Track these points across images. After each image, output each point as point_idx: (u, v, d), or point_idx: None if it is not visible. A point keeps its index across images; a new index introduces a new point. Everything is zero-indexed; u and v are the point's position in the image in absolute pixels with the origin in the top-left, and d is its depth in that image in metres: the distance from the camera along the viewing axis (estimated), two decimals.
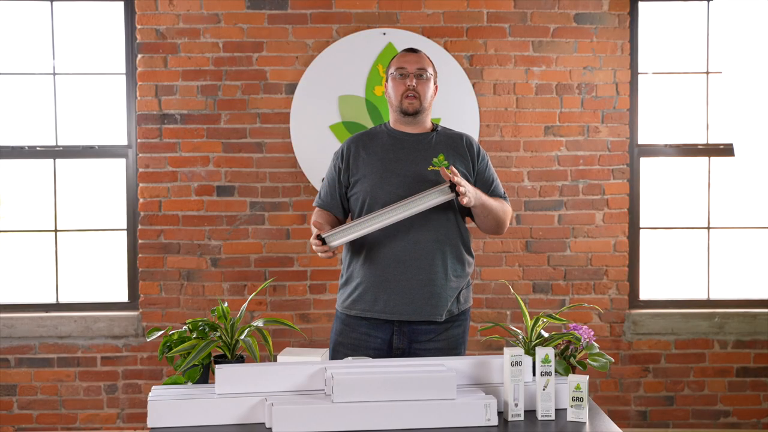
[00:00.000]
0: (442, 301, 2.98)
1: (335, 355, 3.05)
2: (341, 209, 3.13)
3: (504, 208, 3.11)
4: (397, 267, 2.95)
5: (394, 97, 3.07)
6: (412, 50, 3.12)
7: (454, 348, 3.03)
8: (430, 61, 3.13)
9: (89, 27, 4.61)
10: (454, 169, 2.88)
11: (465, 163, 3.06)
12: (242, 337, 2.61)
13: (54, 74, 4.59)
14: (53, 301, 4.61)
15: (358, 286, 3.02)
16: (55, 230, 4.62)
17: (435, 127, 3.14)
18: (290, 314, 4.51)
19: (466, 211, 3.08)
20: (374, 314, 2.98)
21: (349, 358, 2.73)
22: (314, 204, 3.19)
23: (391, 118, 3.14)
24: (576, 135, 4.51)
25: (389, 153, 3.04)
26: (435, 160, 3.00)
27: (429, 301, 2.96)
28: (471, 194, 2.88)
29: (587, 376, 2.39)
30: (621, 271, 4.55)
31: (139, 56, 4.46)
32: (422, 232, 2.95)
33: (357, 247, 3.03)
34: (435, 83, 3.12)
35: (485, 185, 3.11)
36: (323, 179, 3.20)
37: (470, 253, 3.09)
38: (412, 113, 3.05)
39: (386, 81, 3.12)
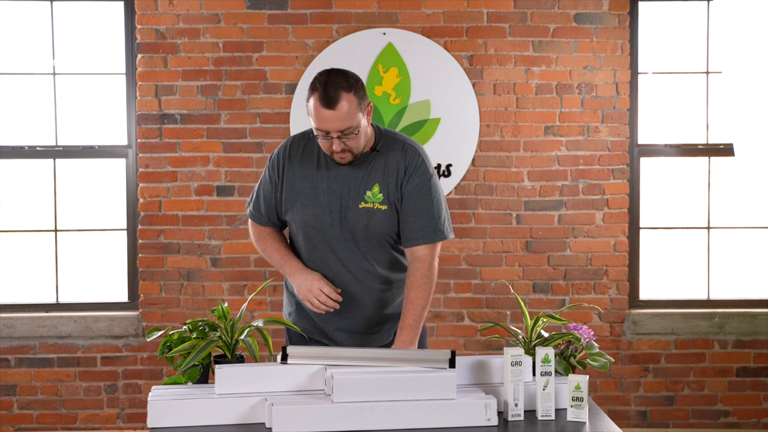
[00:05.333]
0: (391, 330, 2.87)
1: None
2: (279, 222, 2.87)
3: (424, 306, 2.70)
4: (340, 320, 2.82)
5: (323, 148, 2.68)
6: (327, 102, 2.54)
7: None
8: (354, 97, 2.57)
9: (89, 27, 4.61)
10: None
11: (397, 183, 2.71)
12: (242, 337, 2.61)
13: (54, 74, 4.59)
14: (53, 301, 4.60)
15: (299, 313, 2.91)
16: (55, 230, 4.61)
17: (376, 144, 2.72)
18: None
19: (398, 244, 2.81)
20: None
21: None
22: (252, 218, 2.88)
23: None
24: (576, 135, 4.51)
25: (323, 181, 2.72)
26: (369, 193, 2.70)
27: (375, 337, 2.86)
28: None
29: (587, 376, 2.38)
30: (621, 271, 4.54)
31: (139, 56, 4.47)
32: (364, 291, 2.78)
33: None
34: (366, 114, 2.63)
35: (406, 215, 2.70)
36: (258, 185, 2.87)
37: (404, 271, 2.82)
38: (347, 164, 2.71)
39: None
